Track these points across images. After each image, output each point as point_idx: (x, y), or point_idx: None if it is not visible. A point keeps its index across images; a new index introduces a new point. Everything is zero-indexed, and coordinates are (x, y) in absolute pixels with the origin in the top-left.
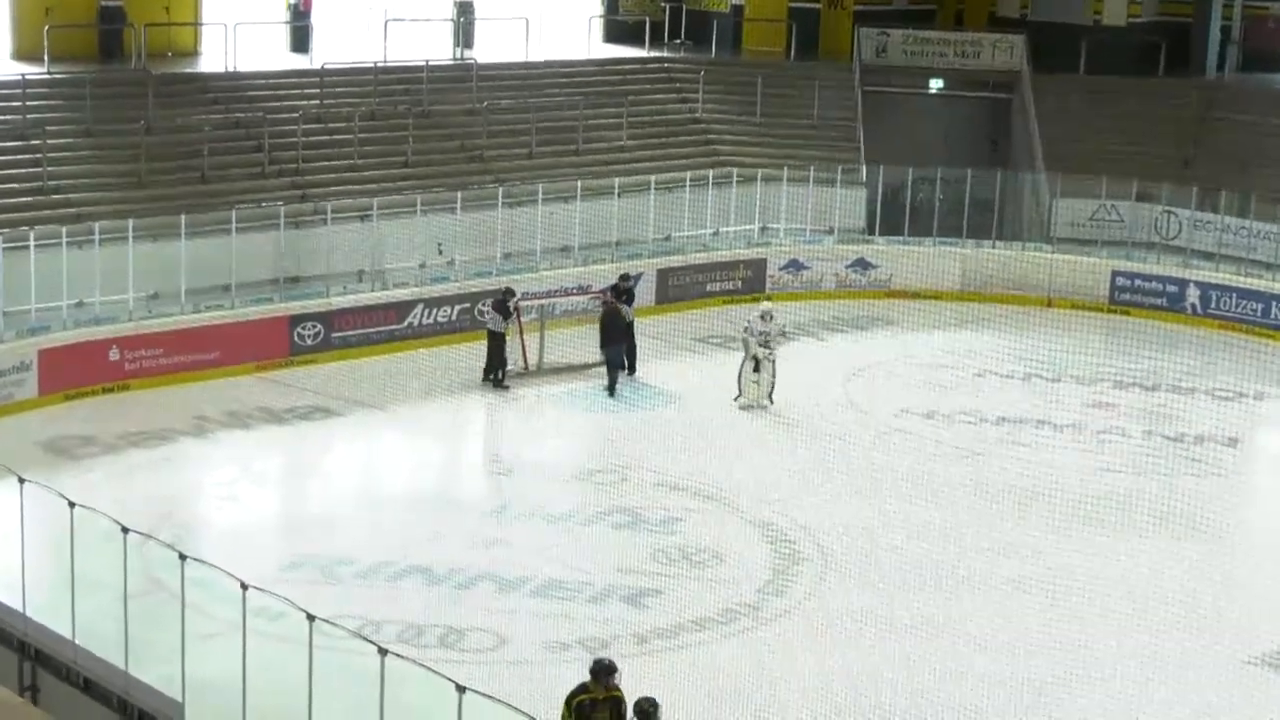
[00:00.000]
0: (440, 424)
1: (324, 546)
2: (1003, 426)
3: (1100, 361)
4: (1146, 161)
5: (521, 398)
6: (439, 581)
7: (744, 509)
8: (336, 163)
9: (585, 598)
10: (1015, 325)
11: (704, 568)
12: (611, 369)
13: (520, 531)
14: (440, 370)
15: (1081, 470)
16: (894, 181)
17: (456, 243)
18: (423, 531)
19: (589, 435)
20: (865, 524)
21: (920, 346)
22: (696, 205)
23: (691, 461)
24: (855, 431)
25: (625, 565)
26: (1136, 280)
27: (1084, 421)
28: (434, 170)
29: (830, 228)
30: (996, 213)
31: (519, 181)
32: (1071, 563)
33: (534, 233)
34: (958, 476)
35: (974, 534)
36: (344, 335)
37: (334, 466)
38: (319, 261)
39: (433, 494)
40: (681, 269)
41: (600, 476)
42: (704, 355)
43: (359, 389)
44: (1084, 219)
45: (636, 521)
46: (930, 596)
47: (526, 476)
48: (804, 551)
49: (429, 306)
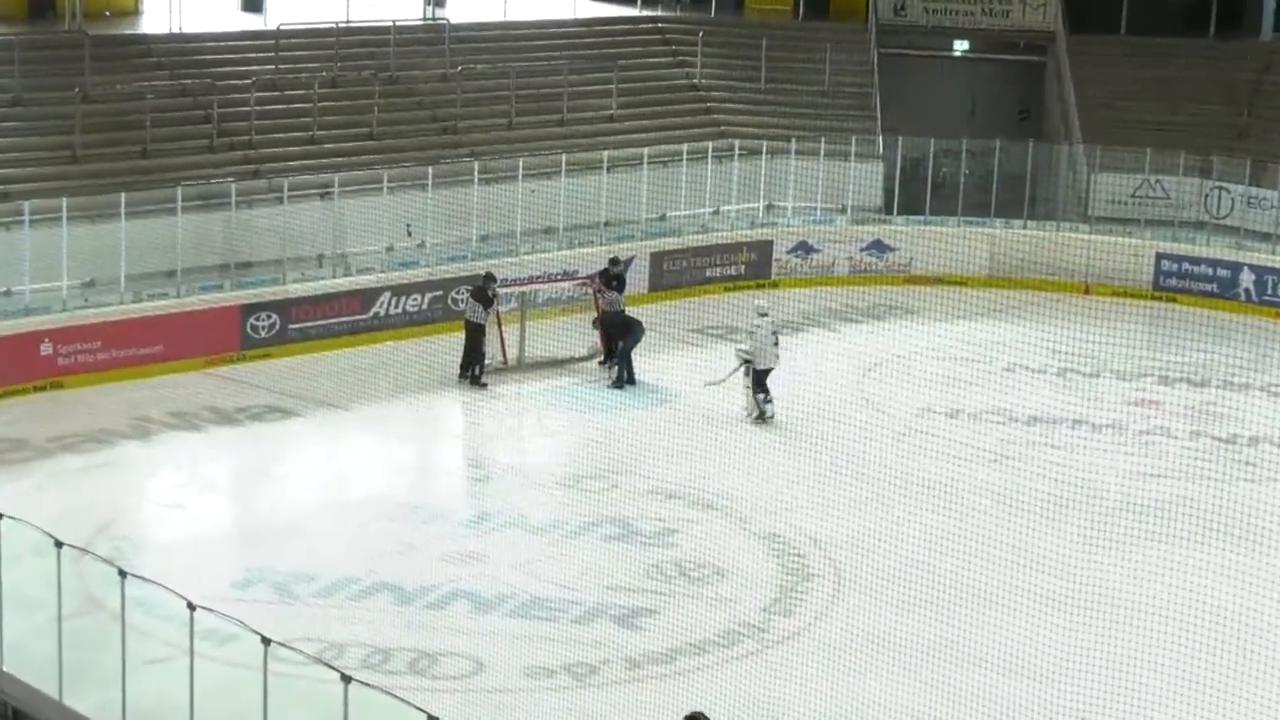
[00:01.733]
0: (410, 425)
1: (281, 561)
2: (1034, 427)
3: (1143, 354)
4: (1195, 132)
5: (501, 396)
6: (409, 600)
7: (747, 519)
8: (294, 135)
9: (571, 618)
10: (1049, 314)
11: (703, 585)
12: (623, 359)
13: (499, 544)
14: (410, 365)
15: (1122, 475)
16: (914, 154)
17: (427, 224)
18: (391, 544)
19: (575, 437)
20: (882, 536)
21: (943, 338)
22: (694, 182)
23: (689, 466)
24: (871, 433)
25: (616, 582)
26: (1184, 264)
27: (1125, 421)
28: (402, 143)
29: (843, 206)
30: (1028, 189)
31: (497, 155)
32: (1110, 578)
33: (514, 212)
34: (984, 482)
35: (1003, 547)
36: (302, 327)
37: (292, 472)
38: (274, 245)
39: (402, 503)
40: (678, 252)
41: (588, 483)
42: (703, 348)
43: (319, 386)
44: (1125, 196)
45: (628, 533)
46: (954, 616)
47: (506, 483)
48: (814, 567)
49: (397, 294)
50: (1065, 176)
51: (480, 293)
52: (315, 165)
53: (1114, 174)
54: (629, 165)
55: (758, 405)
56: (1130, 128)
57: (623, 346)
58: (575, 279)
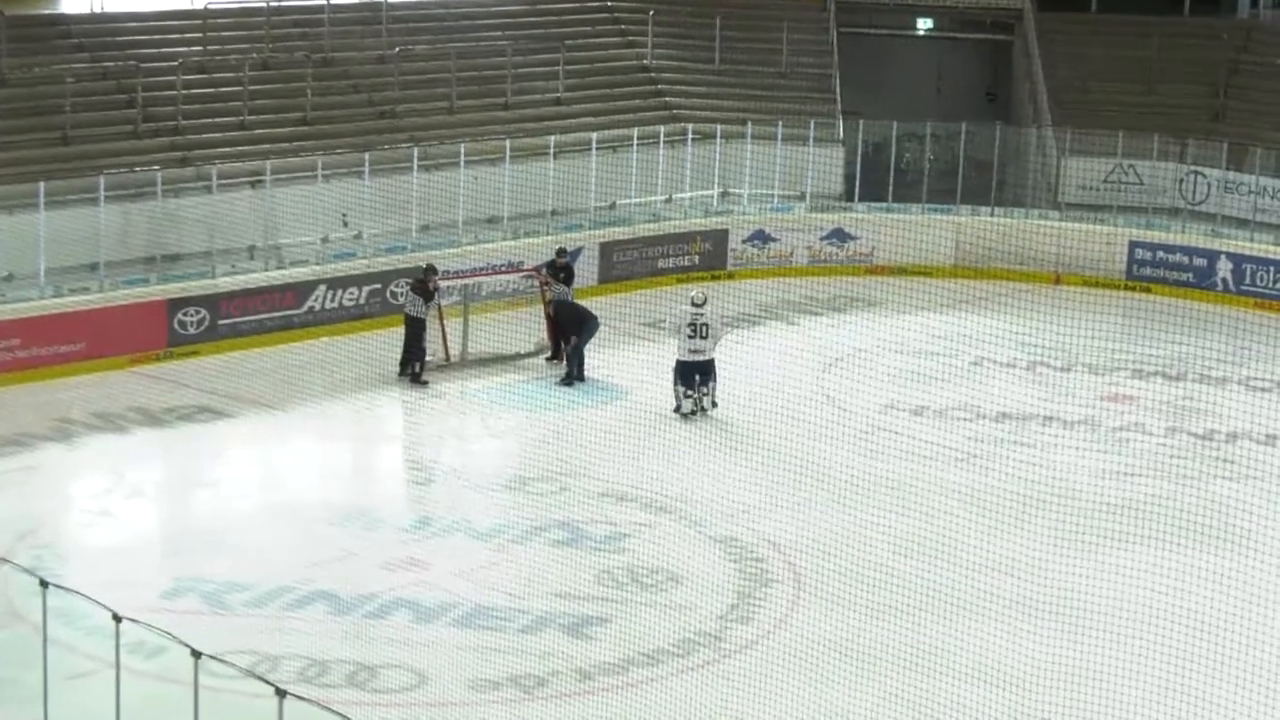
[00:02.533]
0: (348, 426)
1: (212, 570)
2: (1003, 424)
3: (1116, 347)
4: (1170, 114)
5: (443, 394)
6: (347, 610)
7: (703, 522)
8: (223, 120)
9: (518, 627)
10: (1017, 306)
11: (657, 591)
12: (575, 355)
13: (442, 550)
14: (347, 362)
15: (1095, 474)
16: (876, 139)
17: (364, 213)
18: (328, 551)
19: (522, 437)
20: (844, 539)
21: (907, 331)
22: (645, 168)
23: (642, 468)
24: (832, 431)
25: (565, 589)
26: (1158, 252)
27: (1098, 417)
28: (337, 128)
29: (802, 193)
30: (995, 175)
31: (438, 141)
32: (1083, 582)
33: (456, 201)
34: (951, 482)
35: (970, 550)
36: (233, 322)
37: (223, 476)
38: (203, 236)
39: (339, 507)
40: (628, 242)
41: (535, 485)
42: (655, 343)
43: (251, 385)
44: (1097, 181)
45: (578, 538)
46: (920, 623)
47: (449, 486)
48: (773, 572)
49: (332, 288)
50: (1034, 161)
51: (420, 285)
52: (246, 152)
53: (1085, 158)
54: (577, 151)
55: (675, 397)
56: (1102, 110)
57: (576, 341)
58: (520, 271)
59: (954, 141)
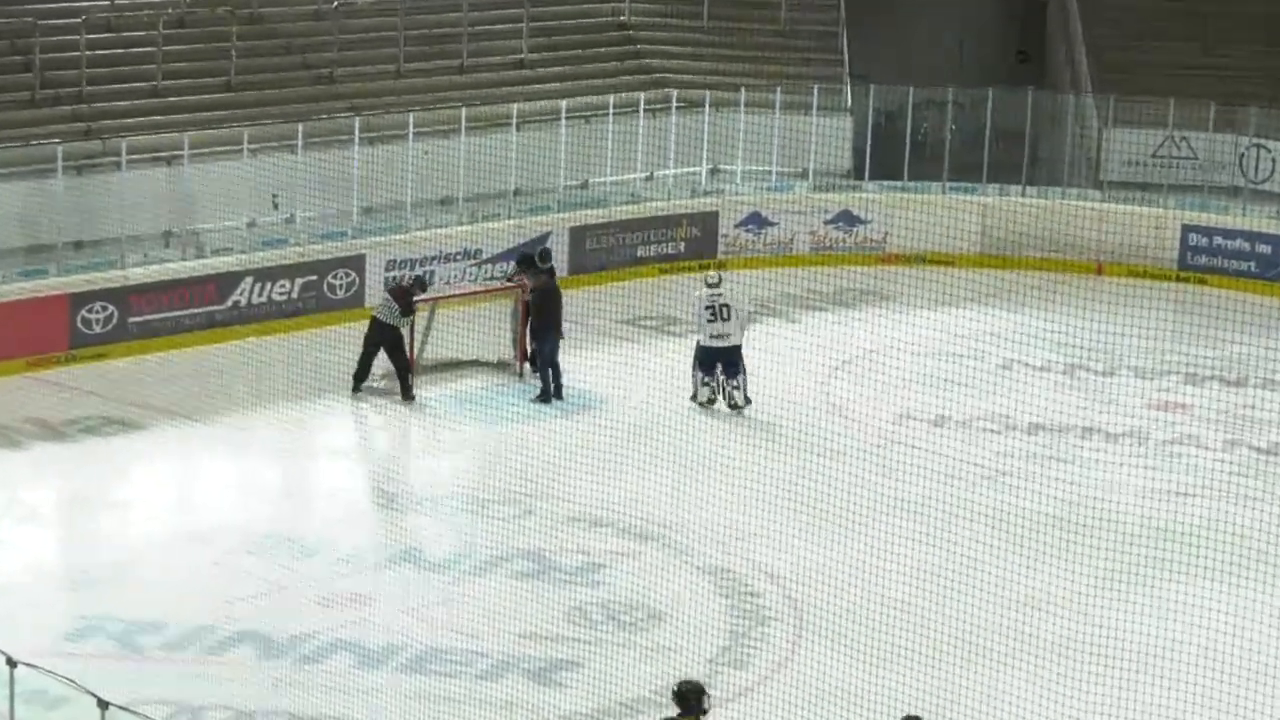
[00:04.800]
0: (277, 439)
1: (122, 607)
2: (1037, 437)
3: (1167, 348)
4: (1229, 77)
5: (391, 404)
6: (278, 653)
7: (690, 551)
8: (134, 86)
9: (476, 673)
10: (1053, 300)
11: (637, 631)
12: (548, 367)
13: (388, 584)
14: (277, 366)
15: (1143, 495)
16: (890, 107)
17: (298, 194)
18: (254, 585)
19: (481, 453)
20: (853, 571)
21: (926, 329)
22: (623, 141)
23: (619, 487)
24: (839, 445)
25: (531, 629)
26: (1216, 238)
27: (1146, 429)
28: (267, 95)
29: (804, 170)
30: (1027, 149)
31: (382, 110)
32: (1130, 621)
33: (403, 179)
34: (977, 505)
35: (999, 583)
36: (145, 320)
37: (134, 498)
38: (111, 220)
39: (269, 535)
40: (603, 227)
41: (496, 508)
42: (635, 343)
43: (166, 393)
44: (1145, 156)
45: (545, 569)
46: (940, 668)
47: (397, 509)
48: (771, 608)
49: (261, 280)
50: (1072, 133)
51: (403, 295)
52: (160, 123)
53: (1131, 129)
54: (543, 121)
55: (693, 383)
56: (1151, 73)
57: (545, 350)
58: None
59: (980, 110)
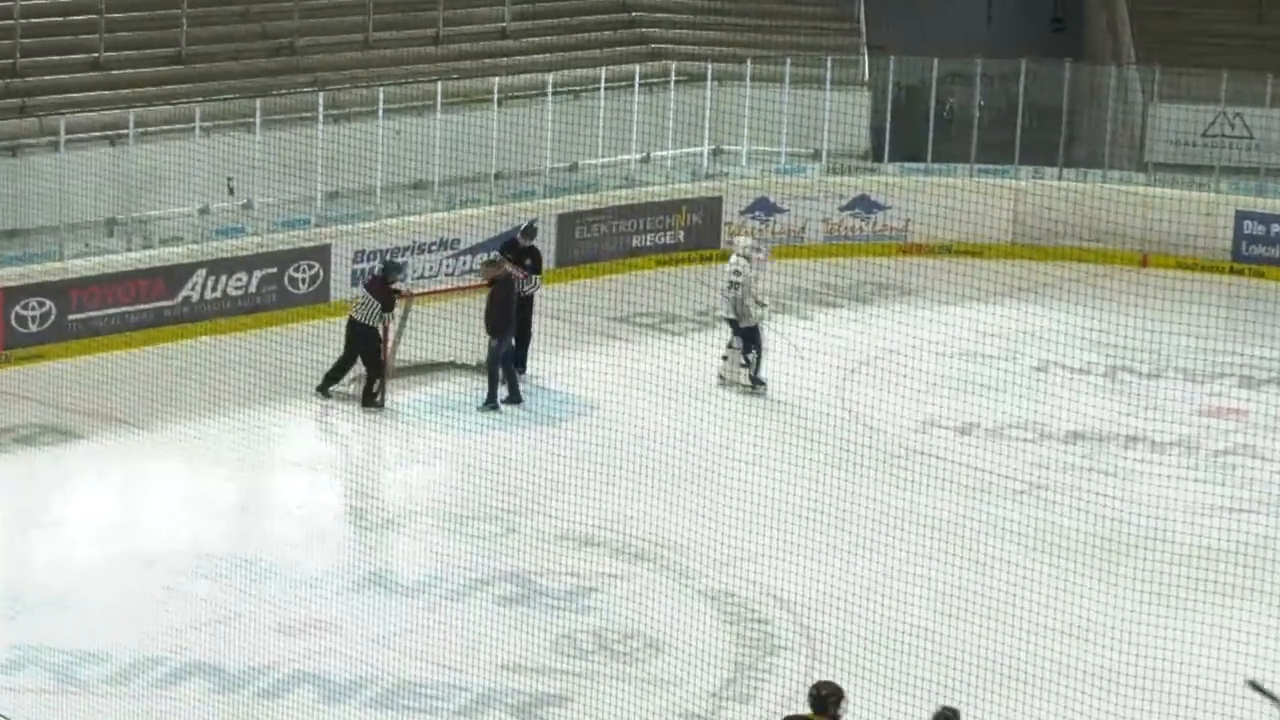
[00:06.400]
0: (234, 449)
1: (60, 636)
2: (1076, 446)
3: (1220, 347)
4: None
5: (360, 412)
6: (234, 686)
7: (691, 573)
8: (73, 59)
9: (454, 708)
10: (1093, 295)
11: (632, 662)
12: (499, 367)
13: (356, 610)
14: (233, 369)
15: (1193, 510)
16: (912, 80)
17: (255, 177)
18: (207, 611)
19: (459, 465)
20: (871, 594)
21: (952, 328)
22: (616, 119)
23: (613, 502)
24: (856, 455)
25: (514, 659)
26: (1273, 226)
27: (1197, 438)
28: (220, 68)
29: (817, 151)
30: (1064, 127)
31: (349, 85)
32: (1179, 649)
33: (373, 161)
34: (1009, 522)
35: (1034, 608)
36: (86, 317)
37: (74, 515)
38: (48, 206)
39: (223, 556)
40: (594, 214)
41: (476, 525)
42: (629, 343)
43: (109, 397)
44: (1195, 134)
45: (530, 593)
46: (969, 702)
47: (366, 527)
48: (781, 636)
49: (215, 273)
50: (1114, 109)
51: (380, 286)
52: (103, 99)
53: (1179, 105)
54: (527, 97)
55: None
56: (1201, 43)
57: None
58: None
59: (1011, 84)
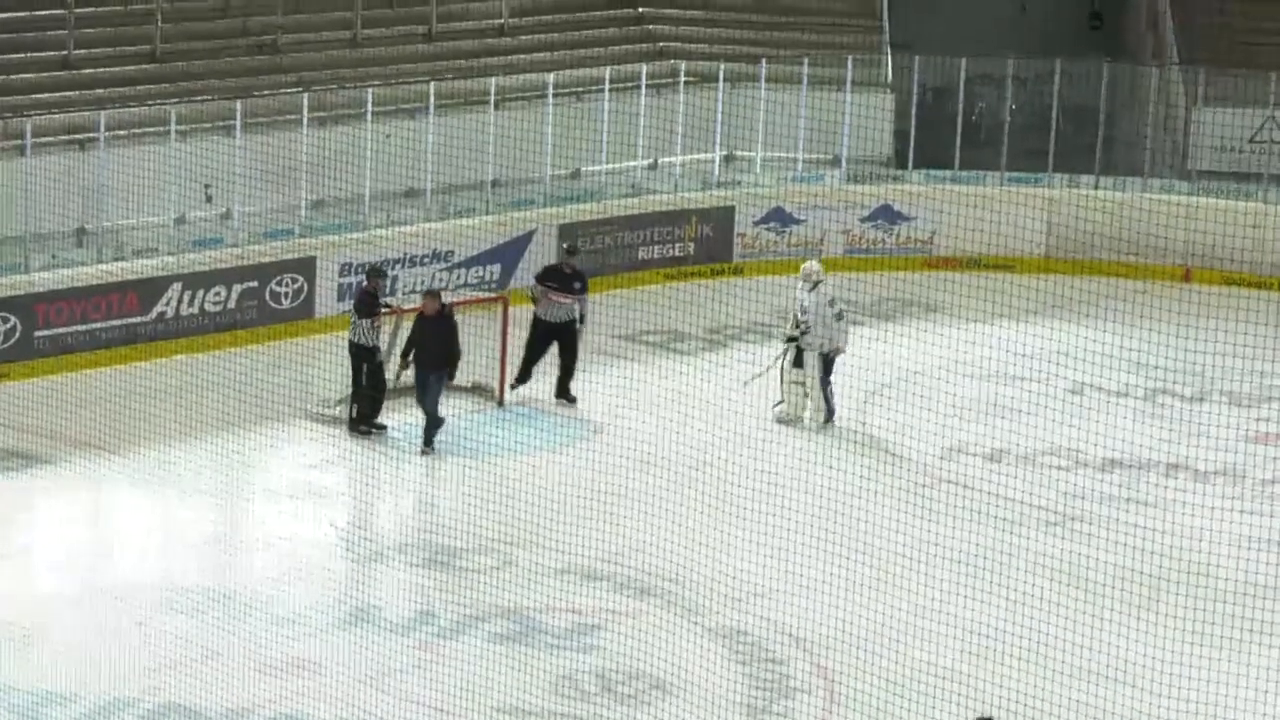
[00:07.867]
0: (210, 476)
1: (22, 675)
2: (1112, 475)
3: (1268, 369)
4: None
5: (345, 437)
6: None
7: (700, 609)
8: (40, 57)
9: None
10: (1132, 312)
11: (637, 705)
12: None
13: (341, 648)
14: (211, 389)
15: (1239, 543)
16: (938, 82)
17: (235, 184)
18: (180, 649)
19: (453, 492)
20: (893, 633)
21: (981, 347)
22: (621, 122)
23: (617, 533)
24: (877, 484)
25: (511, 701)
26: None
27: (1243, 466)
28: (198, 67)
29: (836, 157)
30: (1101, 131)
31: (336, 85)
32: (1224, 692)
33: (361, 167)
34: (1041, 555)
35: (1070, 647)
36: (53, 334)
37: (38, 545)
38: (12, 215)
39: (198, 590)
40: (598, 224)
41: (471, 558)
42: (636, 362)
43: (77, 420)
44: (1241, 140)
45: (529, 631)
46: None
47: (352, 559)
48: (796, 677)
49: (191, 287)
50: (1155, 113)
51: (362, 296)
52: (71, 100)
53: (1224, 109)
54: (527, 98)
55: (827, 402)
56: (1248, 41)
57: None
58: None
59: (1045, 85)
